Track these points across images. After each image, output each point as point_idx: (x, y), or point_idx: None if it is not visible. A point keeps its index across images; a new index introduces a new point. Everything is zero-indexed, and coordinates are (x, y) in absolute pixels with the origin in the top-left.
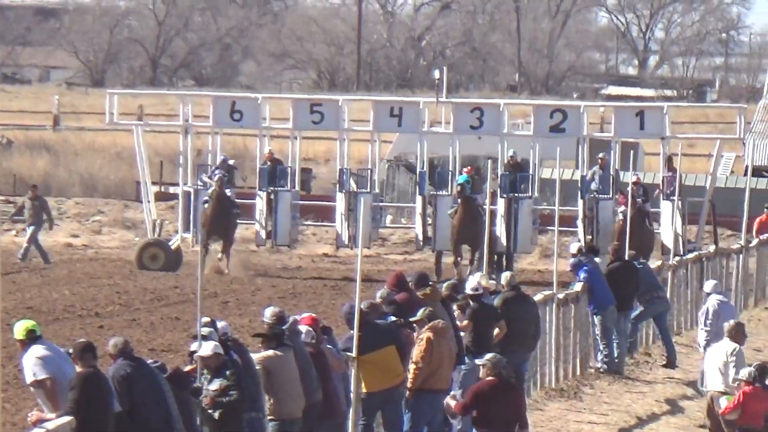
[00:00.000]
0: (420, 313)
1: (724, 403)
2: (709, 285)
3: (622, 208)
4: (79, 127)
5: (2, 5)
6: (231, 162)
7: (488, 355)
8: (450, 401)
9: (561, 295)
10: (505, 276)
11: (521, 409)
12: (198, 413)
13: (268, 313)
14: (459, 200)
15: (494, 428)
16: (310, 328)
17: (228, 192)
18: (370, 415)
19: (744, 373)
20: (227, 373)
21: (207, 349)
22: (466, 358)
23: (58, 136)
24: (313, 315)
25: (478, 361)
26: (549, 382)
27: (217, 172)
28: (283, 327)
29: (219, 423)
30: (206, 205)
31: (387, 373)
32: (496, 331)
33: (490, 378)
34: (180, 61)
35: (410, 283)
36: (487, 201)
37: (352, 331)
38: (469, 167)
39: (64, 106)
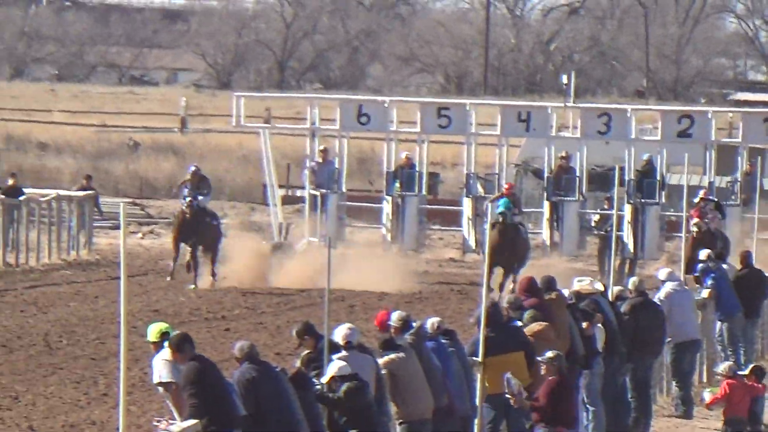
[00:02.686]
0: (525, 316)
1: (708, 396)
2: (663, 273)
3: (695, 220)
4: (206, 130)
5: (129, 8)
6: (201, 172)
7: (549, 353)
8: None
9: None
10: (633, 281)
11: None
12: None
13: (395, 317)
14: (497, 225)
15: (550, 425)
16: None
17: (201, 205)
18: (495, 419)
19: (723, 367)
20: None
21: (337, 369)
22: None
23: (184, 139)
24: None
25: (539, 359)
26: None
27: (184, 189)
28: (410, 331)
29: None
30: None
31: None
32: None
33: (553, 377)
34: (307, 64)
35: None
36: (614, 206)
37: (478, 332)
38: (508, 184)
39: (191, 108)
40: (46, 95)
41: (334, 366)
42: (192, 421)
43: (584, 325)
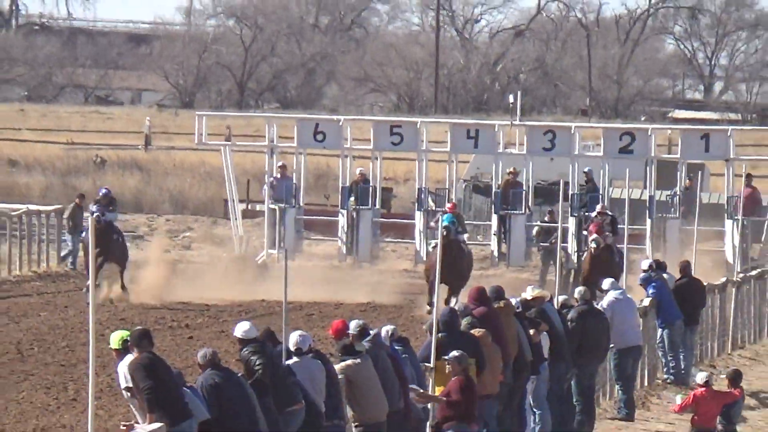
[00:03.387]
0: (463, 323)
1: (678, 400)
2: (606, 283)
3: (594, 236)
4: (170, 147)
5: (95, 32)
6: (111, 194)
7: (454, 353)
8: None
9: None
10: (579, 291)
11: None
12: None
13: (353, 325)
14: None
15: (463, 421)
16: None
17: (106, 221)
18: None
19: (700, 376)
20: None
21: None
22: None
23: (149, 156)
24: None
25: (444, 358)
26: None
27: (94, 208)
28: (366, 338)
29: None
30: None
31: None
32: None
33: (459, 376)
34: (266, 85)
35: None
36: (559, 218)
37: (431, 338)
38: (451, 203)
39: (155, 127)
40: (15, 115)
41: (239, 328)
42: (157, 424)
43: (531, 332)
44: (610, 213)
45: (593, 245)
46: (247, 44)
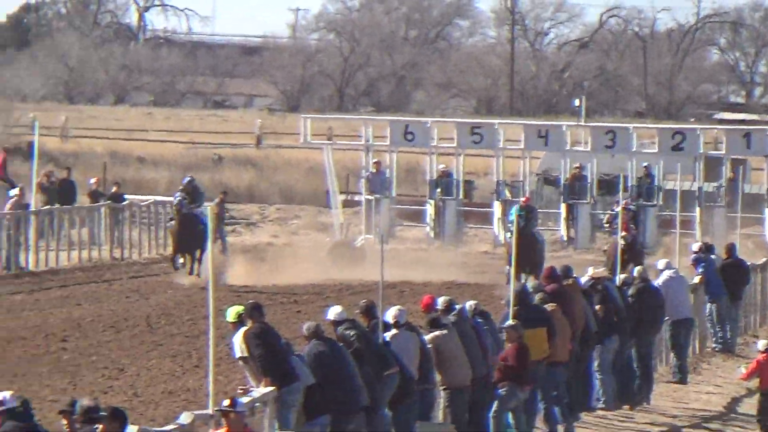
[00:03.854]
0: (536, 298)
1: (743, 370)
2: (661, 263)
3: (623, 233)
4: (278, 146)
5: (213, 44)
6: (195, 182)
7: (510, 322)
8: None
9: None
10: (638, 269)
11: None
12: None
13: (440, 301)
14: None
15: (515, 383)
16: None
17: (191, 211)
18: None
19: (761, 344)
20: None
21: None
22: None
23: (260, 153)
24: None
25: (501, 327)
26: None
27: (177, 195)
28: (453, 312)
29: None
30: (171, 224)
31: (534, 349)
32: None
33: (514, 342)
34: (362, 91)
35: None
36: (620, 208)
37: (507, 310)
38: (526, 197)
39: (266, 128)
40: (143, 118)
41: (331, 312)
42: (270, 388)
43: (597, 307)
44: (632, 208)
45: (622, 242)
46: (346, 55)
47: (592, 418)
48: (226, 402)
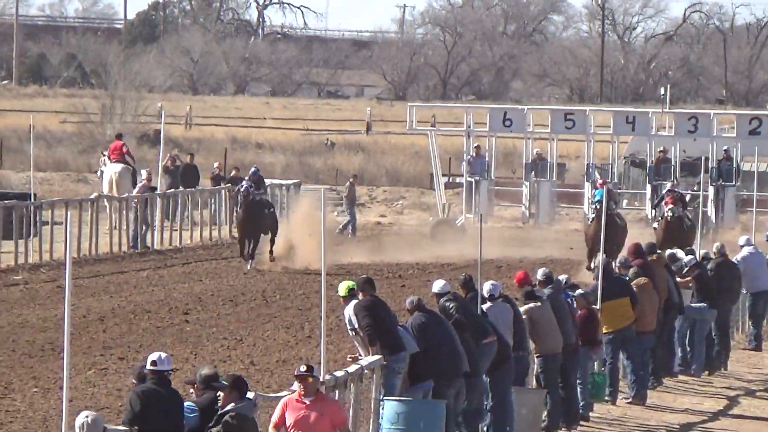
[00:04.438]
0: (630, 272)
1: None
2: (742, 239)
3: (671, 206)
4: (386, 132)
5: (327, 38)
6: (260, 172)
7: (579, 291)
8: None
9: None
10: (716, 245)
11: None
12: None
13: (540, 272)
14: (595, 214)
15: (586, 346)
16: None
17: (258, 197)
18: (613, 351)
19: None
20: None
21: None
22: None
23: (370, 139)
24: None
25: (573, 295)
26: (749, 327)
27: (244, 183)
28: (550, 285)
29: None
30: (239, 211)
31: (620, 317)
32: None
33: (584, 309)
34: (464, 81)
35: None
36: (701, 188)
37: (596, 282)
38: (602, 179)
39: (375, 116)
40: (262, 107)
41: (435, 285)
42: (377, 357)
43: (685, 279)
44: (678, 190)
45: (669, 214)
46: (449, 48)
47: (673, 383)
48: (303, 368)
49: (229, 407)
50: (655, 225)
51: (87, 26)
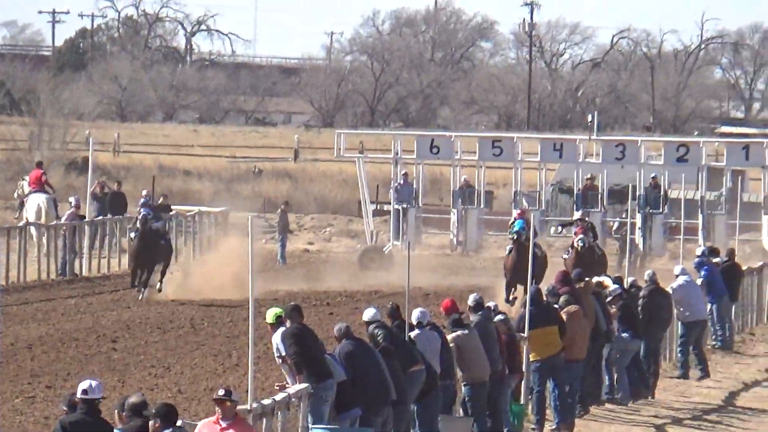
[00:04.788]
0: (561, 300)
1: None
2: (677, 269)
3: (581, 236)
4: (314, 159)
5: (254, 65)
6: (159, 200)
7: (499, 317)
8: None
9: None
10: (648, 273)
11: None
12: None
13: (471, 298)
14: (513, 245)
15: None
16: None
17: (155, 225)
18: (540, 380)
19: None
20: None
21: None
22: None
23: (297, 166)
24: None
25: (495, 320)
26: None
27: (143, 210)
28: (481, 312)
29: None
30: (133, 238)
31: (548, 345)
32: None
33: (504, 335)
34: (392, 108)
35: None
36: (628, 215)
37: (523, 310)
38: (521, 209)
39: (302, 143)
40: (189, 134)
41: (366, 314)
42: (304, 384)
43: (612, 310)
44: (588, 220)
45: (580, 243)
46: (377, 75)
47: (600, 410)
48: (222, 391)
49: None
50: (565, 255)
51: (15, 53)
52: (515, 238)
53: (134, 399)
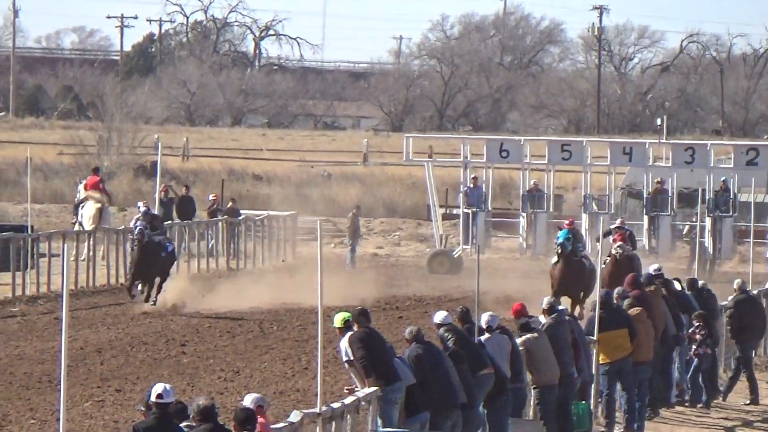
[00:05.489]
0: (625, 303)
1: None
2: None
3: (619, 243)
4: (383, 163)
5: (323, 70)
6: (153, 212)
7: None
8: None
9: (755, 292)
10: (737, 282)
11: None
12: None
13: (545, 301)
14: (559, 257)
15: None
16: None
17: (155, 238)
18: (609, 383)
19: None
20: None
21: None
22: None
23: (366, 170)
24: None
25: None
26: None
27: (138, 224)
28: (554, 314)
29: None
30: (134, 250)
31: (618, 348)
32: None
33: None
34: (461, 112)
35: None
36: (698, 219)
37: (593, 313)
38: (569, 220)
39: (371, 147)
40: (258, 138)
41: (437, 316)
42: (373, 388)
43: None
44: (627, 228)
45: (619, 251)
46: (446, 79)
47: (670, 413)
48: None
49: None
50: (603, 266)
51: (84, 58)
52: (560, 251)
53: (204, 402)
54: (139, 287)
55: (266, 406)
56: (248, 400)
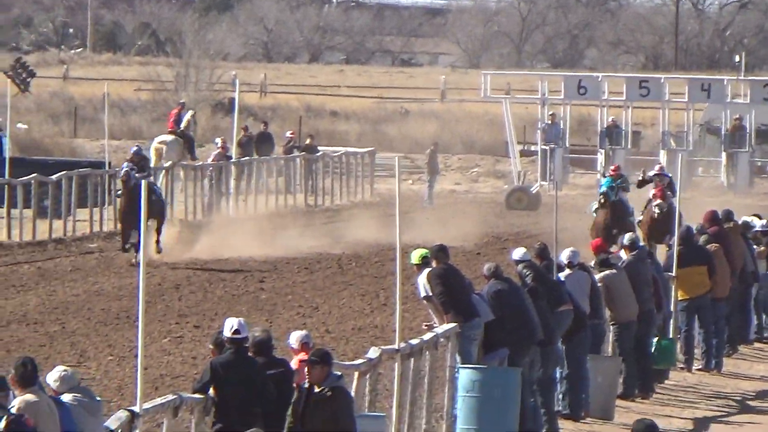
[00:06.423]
0: (702, 239)
1: None
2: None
3: (659, 201)
4: (460, 100)
5: (400, 6)
6: (143, 152)
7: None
8: None
9: None
10: None
11: None
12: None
13: (627, 237)
14: (601, 205)
15: None
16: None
17: (140, 181)
18: (688, 319)
19: None
20: None
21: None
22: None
23: (444, 107)
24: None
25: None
26: None
27: (124, 165)
28: (635, 251)
29: None
30: (119, 199)
31: (696, 285)
32: None
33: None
34: (539, 48)
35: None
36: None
37: (671, 250)
38: (615, 166)
39: (449, 84)
40: (336, 75)
41: (516, 253)
42: (452, 324)
43: (761, 249)
44: (668, 174)
45: (657, 210)
46: (524, 15)
47: (748, 350)
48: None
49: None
50: (640, 218)
51: None
52: (603, 201)
53: (260, 335)
54: (132, 241)
55: (311, 343)
56: (294, 338)
